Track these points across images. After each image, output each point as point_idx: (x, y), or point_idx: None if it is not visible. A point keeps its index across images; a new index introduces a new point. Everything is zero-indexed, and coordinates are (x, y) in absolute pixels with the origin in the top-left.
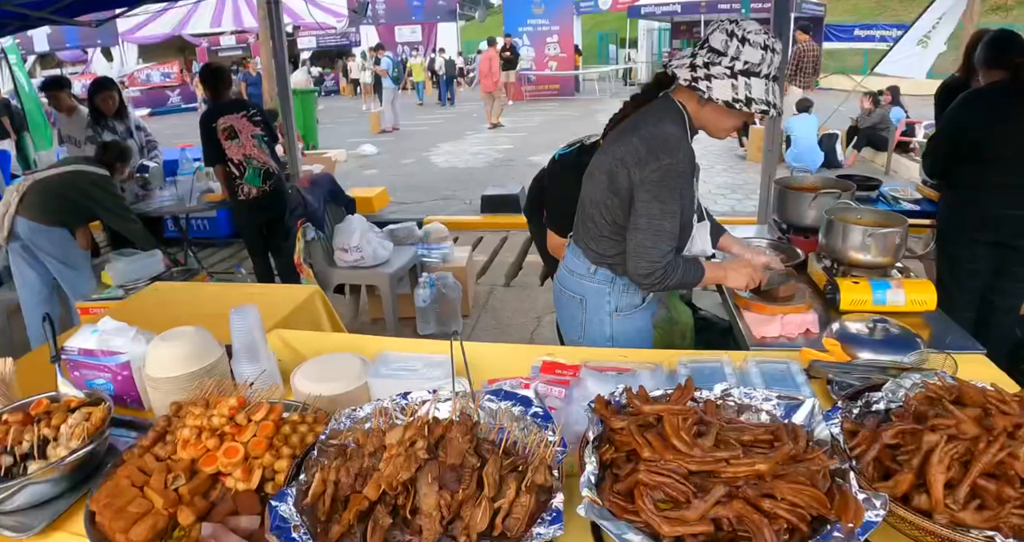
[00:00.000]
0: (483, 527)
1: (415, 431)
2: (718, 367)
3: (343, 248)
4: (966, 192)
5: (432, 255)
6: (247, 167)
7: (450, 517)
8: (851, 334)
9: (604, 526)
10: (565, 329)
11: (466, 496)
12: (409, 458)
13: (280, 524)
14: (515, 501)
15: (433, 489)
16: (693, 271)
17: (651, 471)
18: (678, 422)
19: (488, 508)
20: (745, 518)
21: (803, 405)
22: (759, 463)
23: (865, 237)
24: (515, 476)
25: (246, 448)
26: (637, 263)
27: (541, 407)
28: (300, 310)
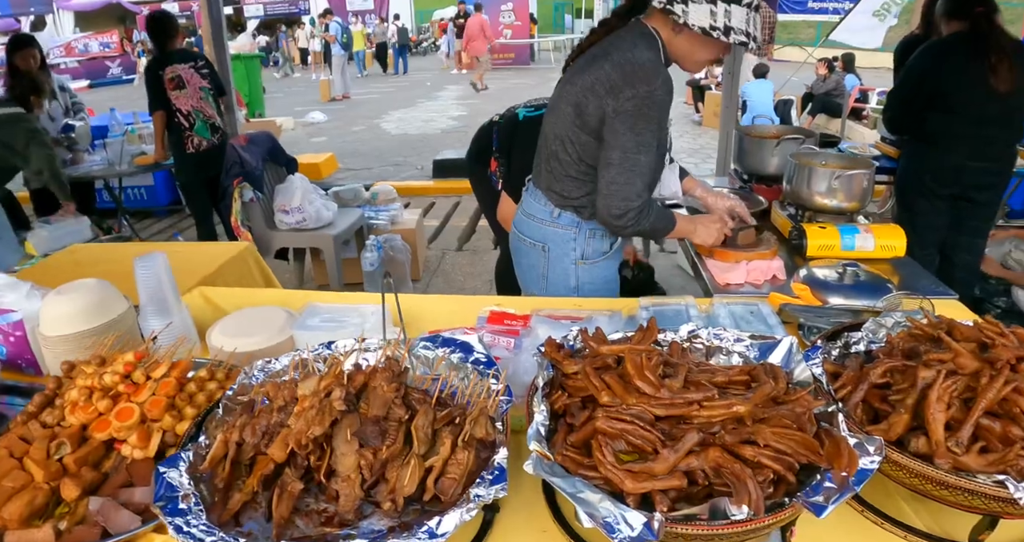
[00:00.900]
0: (411, 490)
1: (332, 380)
2: (682, 310)
3: (284, 209)
4: (926, 143)
5: (380, 217)
6: (196, 119)
7: (372, 479)
8: (820, 279)
9: (555, 484)
10: (525, 280)
11: (391, 454)
12: (323, 411)
13: (167, 493)
14: (450, 459)
15: (352, 447)
16: (665, 220)
17: (611, 417)
18: (642, 360)
19: (418, 467)
20: (724, 468)
21: (779, 345)
22: (737, 405)
23: (832, 180)
24: (451, 430)
25: (143, 409)
26: (609, 202)
27: (484, 353)
28: (229, 267)
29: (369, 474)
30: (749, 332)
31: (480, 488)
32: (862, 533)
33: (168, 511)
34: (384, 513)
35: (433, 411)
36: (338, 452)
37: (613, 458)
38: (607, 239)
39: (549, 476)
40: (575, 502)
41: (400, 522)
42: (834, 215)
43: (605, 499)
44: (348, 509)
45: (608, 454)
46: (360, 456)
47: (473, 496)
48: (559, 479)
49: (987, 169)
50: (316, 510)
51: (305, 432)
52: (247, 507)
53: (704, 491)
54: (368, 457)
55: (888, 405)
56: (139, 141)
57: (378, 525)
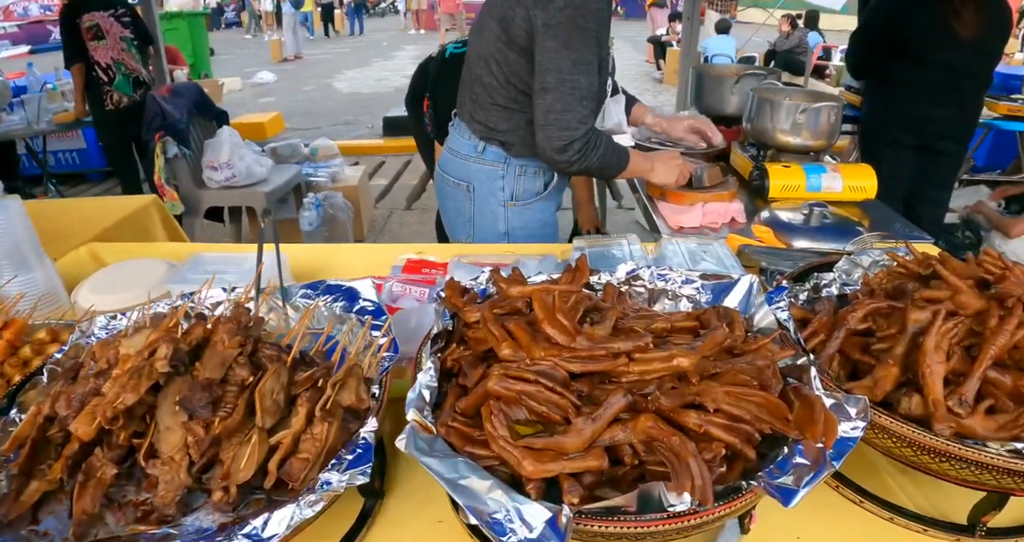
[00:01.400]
0: (246, 475)
1: (161, 335)
2: (624, 250)
3: (212, 166)
4: (891, 89)
5: (319, 174)
6: (116, 72)
7: (203, 461)
8: (783, 222)
9: (428, 466)
10: (451, 227)
11: (228, 428)
12: (138, 374)
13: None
14: (304, 433)
15: (178, 420)
16: (616, 154)
17: (507, 376)
18: (554, 301)
19: (259, 445)
20: (659, 443)
21: (736, 285)
22: (679, 356)
23: (797, 115)
24: (306, 396)
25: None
26: (549, 133)
27: (372, 300)
28: (129, 223)
29: (197, 454)
30: (700, 271)
31: (332, 472)
32: (838, 514)
33: None
34: (214, 506)
35: (287, 372)
36: (162, 426)
37: (507, 431)
38: (540, 178)
39: (423, 455)
40: (452, 492)
41: (237, 517)
42: (798, 155)
43: (496, 487)
44: (168, 501)
45: (499, 425)
46: (188, 431)
47: (320, 483)
48: (433, 460)
49: (953, 118)
50: (135, 502)
51: (114, 402)
52: (49, 499)
53: (633, 473)
54: (198, 432)
55: (871, 356)
56: (60, 98)
57: (207, 522)
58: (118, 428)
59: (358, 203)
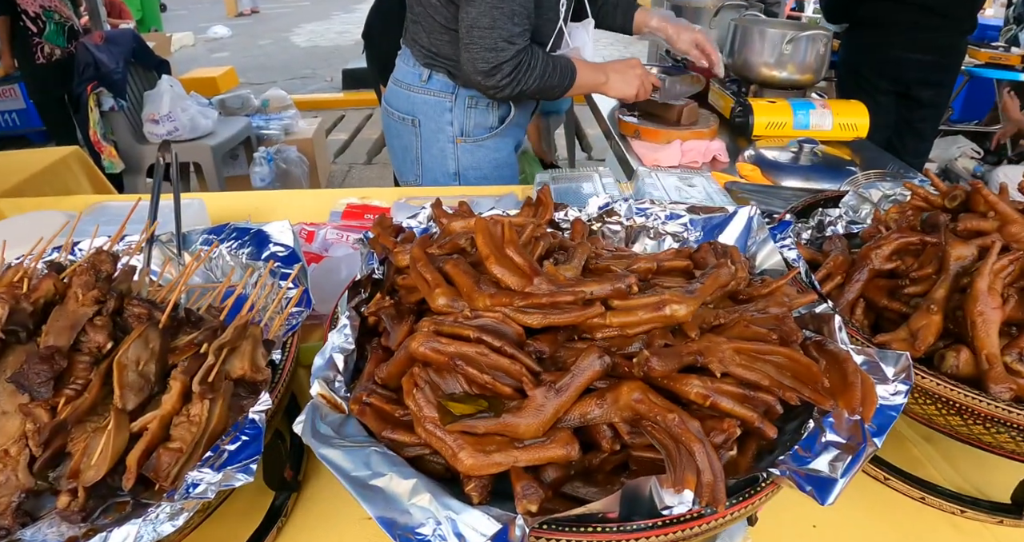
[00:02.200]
0: (98, 473)
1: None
2: (595, 184)
3: (152, 119)
4: (866, 32)
5: (271, 126)
6: (47, 22)
7: (47, 455)
8: (770, 160)
9: (326, 459)
10: (398, 167)
11: (78, 411)
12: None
13: None
14: (178, 416)
15: (15, 402)
16: (559, 71)
17: (438, 333)
18: (502, 232)
19: (116, 433)
20: (650, 422)
21: (733, 219)
22: (673, 302)
23: (783, 45)
24: (182, 367)
25: None
26: (473, 54)
27: (285, 245)
28: (47, 176)
29: (38, 446)
30: (688, 203)
31: (205, 469)
32: (860, 494)
33: None
34: (59, 514)
35: (160, 335)
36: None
37: (435, 410)
38: (493, 111)
39: (321, 446)
40: (359, 497)
41: (89, 529)
42: (783, 91)
43: (423, 489)
44: (2, 508)
45: (424, 403)
46: (28, 416)
47: (185, 486)
48: (334, 451)
49: (932, 63)
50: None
51: None
52: None
53: (612, 461)
54: (40, 417)
55: (900, 302)
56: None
57: (51, 535)
58: None
59: (313, 157)
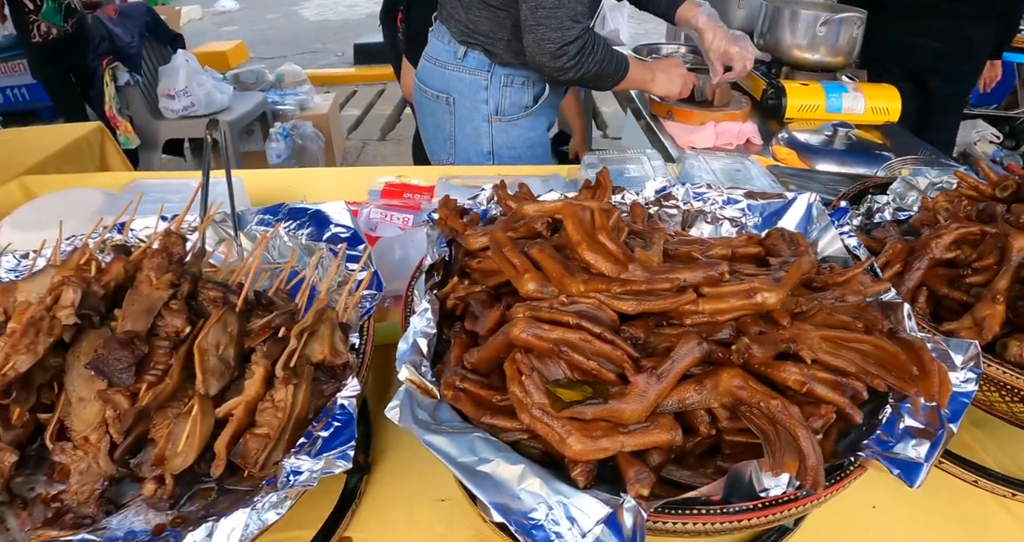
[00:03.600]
0: (187, 460)
1: (69, 274)
2: (644, 168)
3: (168, 94)
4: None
5: (286, 102)
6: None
7: (128, 442)
8: (804, 143)
9: (433, 447)
10: (430, 145)
11: (160, 397)
12: (36, 328)
13: None
14: (263, 401)
15: (92, 388)
16: (615, 61)
17: (538, 319)
18: (593, 218)
19: (201, 419)
20: (751, 408)
21: (792, 205)
22: (763, 290)
23: (817, 27)
24: (263, 351)
25: None
26: (540, 35)
27: (347, 226)
28: (70, 154)
29: (119, 433)
30: (745, 188)
31: (302, 457)
32: None
33: None
34: (147, 502)
35: (238, 319)
36: (73, 397)
37: (543, 396)
38: (528, 90)
39: (425, 432)
40: (470, 483)
41: (177, 516)
42: (814, 73)
43: (531, 474)
44: (84, 497)
45: (534, 390)
46: (107, 403)
47: (286, 474)
48: (439, 438)
49: (940, 51)
50: (43, 497)
51: (2, 367)
52: None
53: (704, 444)
54: (120, 403)
55: (960, 292)
56: None
57: (138, 523)
58: (11, 402)
59: (329, 133)
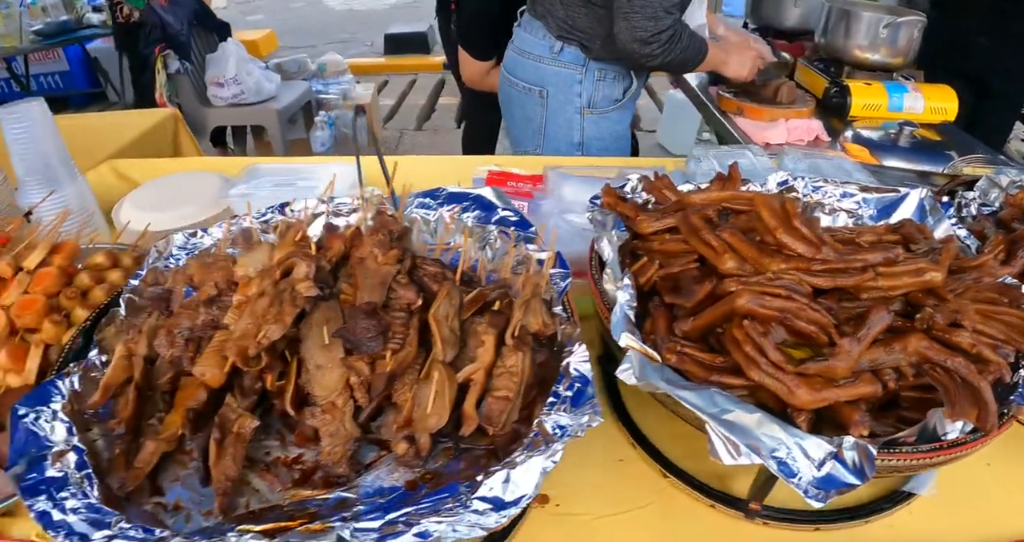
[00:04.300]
0: (441, 421)
1: (291, 250)
2: (750, 160)
3: (217, 82)
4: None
5: (330, 91)
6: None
7: (373, 406)
8: (872, 140)
9: (685, 400)
10: (517, 135)
11: (401, 364)
12: (280, 300)
13: (33, 451)
14: (496, 366)
15: (334, 355)
16: (696, 45)
17: (760, 292)
18: (784, 207)
19: (447, 383)
20: (933, 366)
21: (906, 199)
22: (930, 270)
23: (880, 29)
24: (490, 322)
25: (9, 315)
26: (633, 23)
27: (513, 210)
28: (149, 139)
29: (366, 398)
30: (858, 183)
31: (558, 413)
32: None
33: (28, 485)
34: (399, 461)
35: (459, 293)
36: (311, 365)
37: (780, 354)
38: (619, 83)
39: (673, 388)
40: (720, 428)
41: (424, 473)
42: (871, 73)
43: (767, 421)
44: (338, 457)
45: (770, 349)
46: (349, 369)
47: (553, 427)
48: (689, 393)
49: (996, 50)
50: (283, 460)
51: (254, 336)
52: (170, 462)
53: (884, 396)
54: (362, 370)
55: None
56: (42, 14)
57: (388, 481)
58: (257, 370)
59: (371, 121)
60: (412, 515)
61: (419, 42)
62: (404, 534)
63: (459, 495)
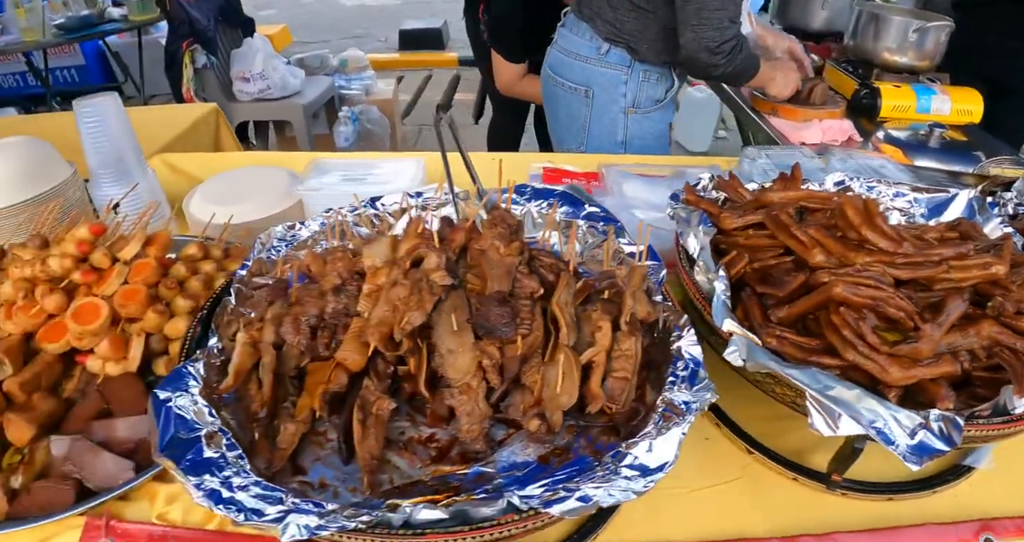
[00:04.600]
0: (571, 399)
1: (417, 242)
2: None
3: (243, 77)
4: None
5: (352, 86)
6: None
7: (503, 388)
8: (903, 141)
9: (793, 377)
10: (560, 134)
11: (530, 347)
12: (419, 288)
13: (181, 434)
14: (613, 350)
15: (465, 340)
16: (751, 60)
17: (854, 282)
18: (866, 205)
19: (572, 365)
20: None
21: (954, 200)
22: (996, 264)
23: (909, 33)
24: (603, 309)
25: (112, 305)
26: (701, 33)
27: (598, 206)
28: (194, 133)
29: (498, 379)
30: (910, 183)
31: (679, 391)
32: None
33: (188, 465)
34: (530, 437)
35: (573, 282)
36: (443, 349)
37: (876, 337)
38: (662, 84)
39: (784, 367)
40: (826, 402)
41: (553, 448)
42: (899, 75)
43: (865, 396)
44: (476, 434)
45: (868, 331)
46: (480, 353)
47: (681, 402)
48: (795, 370)
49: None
50: (417, 439)
51: (392, 323)
52: (306, 444)
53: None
54: (494, 354)
55: None
56: (63, 8)
57: (521, 456)
58: (397, 354)
59: (392, 117)
60: (567, 482)
61: (434, 38)
62: (568, 499)
63: (606, 464)
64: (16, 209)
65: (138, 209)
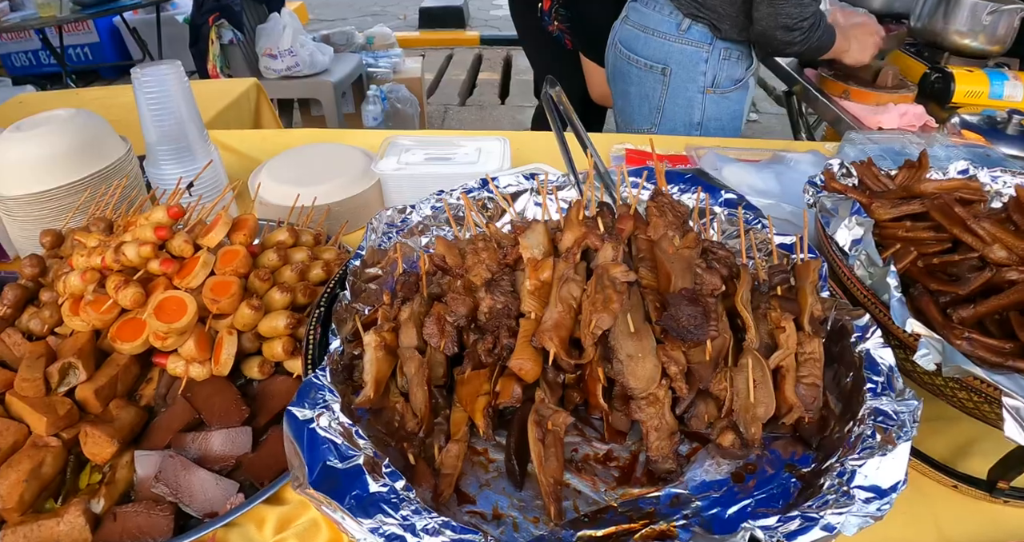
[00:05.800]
0: (769, 412)
1: (583, 232)
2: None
3: (270, 53)
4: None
5: (380, 64)
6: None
7: (690, 398)
8: (982, 127)
9: (999, 384)
10: (629, 113)
11: (719, 352)
12: (603, 285)
13: (332, 461)
14: (798, 353)
15: (647, 343)
16: (828, 34)
17: None
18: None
19: (765, 371)
20: None
21: None
22: None
23: (983, 16)
24: (780, 307)
25: (199, 299)
26: (780, 10)
27: (735, 193)
28: (234, 108)
29: (685, 388)
30: None
31: (881, 399)
32: None
33: (355, 504)
34: (722, 452)
35: (752, 278)
36: (622, 354)
37: None
38: (742, 63)
39: (989, 372)
40: (1019, 409)
41: (748, 463)
42: (969, 59)
43: None
44: (666, 451)
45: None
46: (666, 358)
47: (893, 412)
48: (1003, 378)
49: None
50: (594, 457)
51: (586, 325)
52: (467, 466)
53: None
54: (680, 359)
55: None
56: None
57: (713, 474)
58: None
59: (420, 96)
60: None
61: (455, 15)
62: (811, 528)
63: (833, 486)
64: (71, 187)
65: (207, 186)
